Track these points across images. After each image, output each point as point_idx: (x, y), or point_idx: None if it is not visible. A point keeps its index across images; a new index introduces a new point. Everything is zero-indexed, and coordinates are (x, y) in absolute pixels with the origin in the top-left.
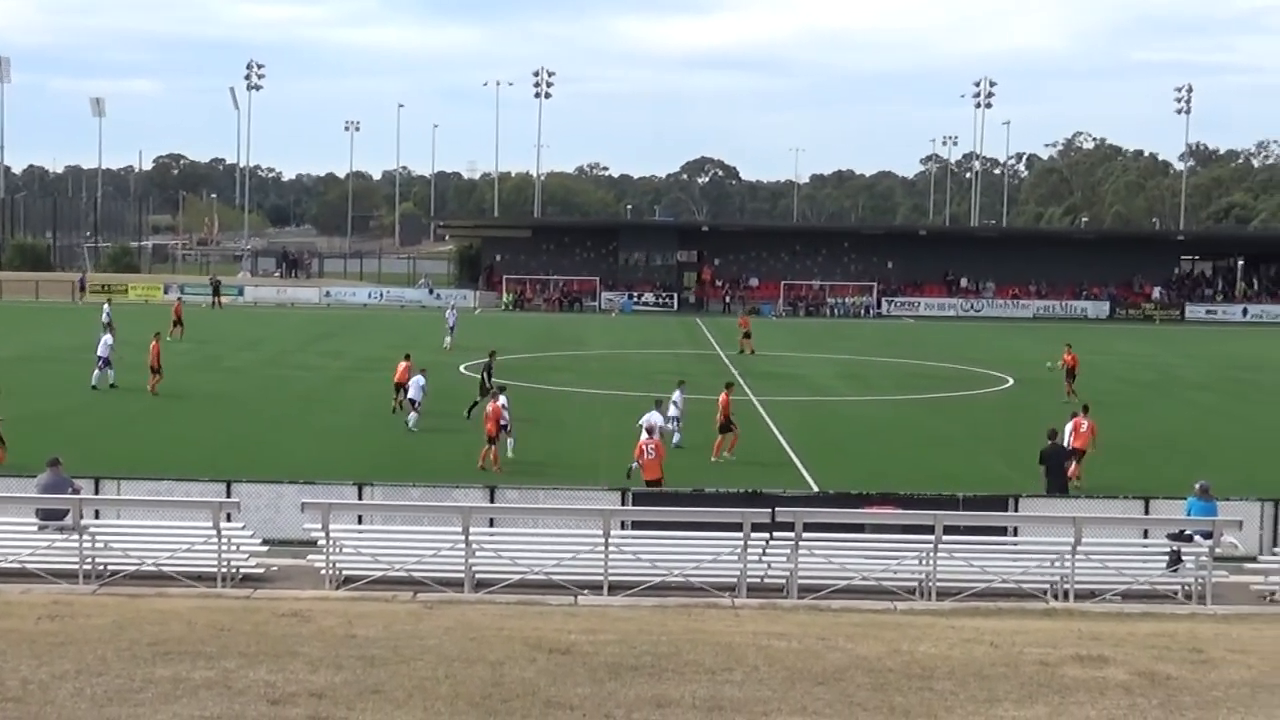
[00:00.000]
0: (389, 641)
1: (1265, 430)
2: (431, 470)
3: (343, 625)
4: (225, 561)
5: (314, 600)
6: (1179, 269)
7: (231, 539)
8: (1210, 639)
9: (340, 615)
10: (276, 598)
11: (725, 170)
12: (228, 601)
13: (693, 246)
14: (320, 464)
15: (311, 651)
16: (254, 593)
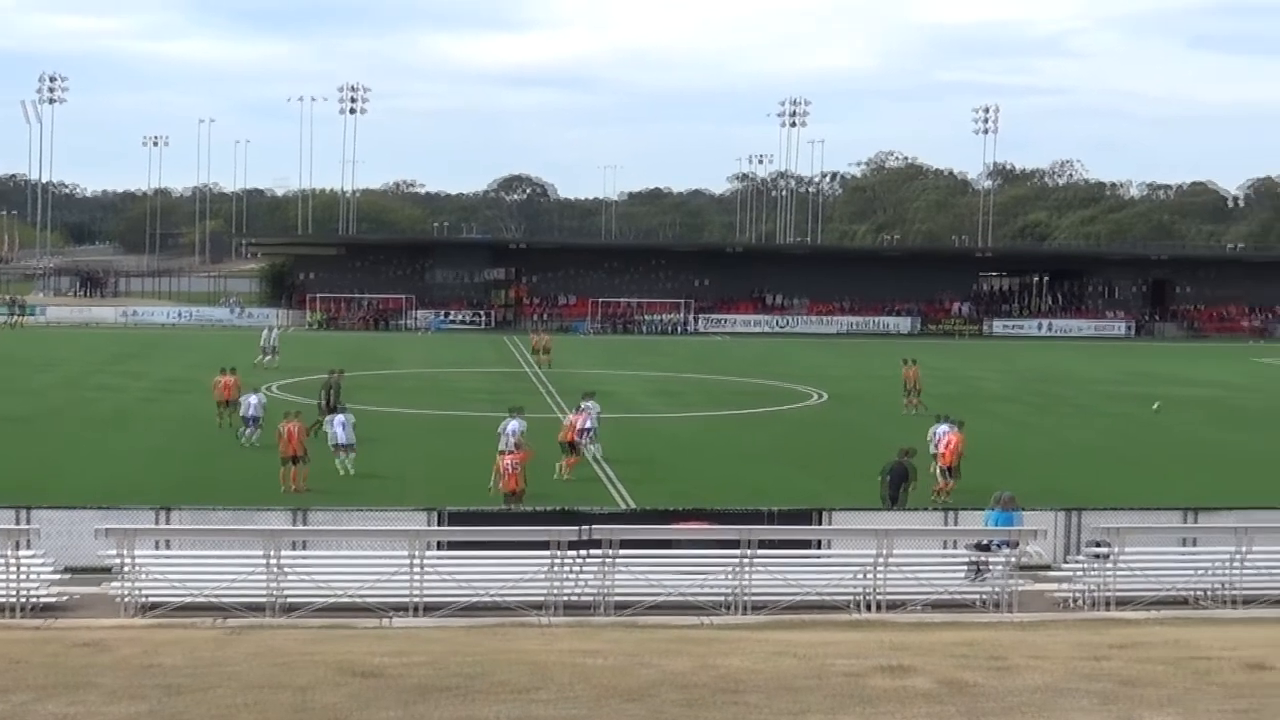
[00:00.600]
0: (190, 669)
1: (1063, 441)
2: (238, 493)
3: (142, 654)
4: (19, 591)
5: (112, 629)
6: (982, 285)
7: (26, 567)
8: (1011, 646)
9: (140, 644)
10: (73, 627)
11: (538, 188)
12: (21, 633)
13: (505, 264)
14: (121, 488)
15: (109, 682)
16: (50, 623)
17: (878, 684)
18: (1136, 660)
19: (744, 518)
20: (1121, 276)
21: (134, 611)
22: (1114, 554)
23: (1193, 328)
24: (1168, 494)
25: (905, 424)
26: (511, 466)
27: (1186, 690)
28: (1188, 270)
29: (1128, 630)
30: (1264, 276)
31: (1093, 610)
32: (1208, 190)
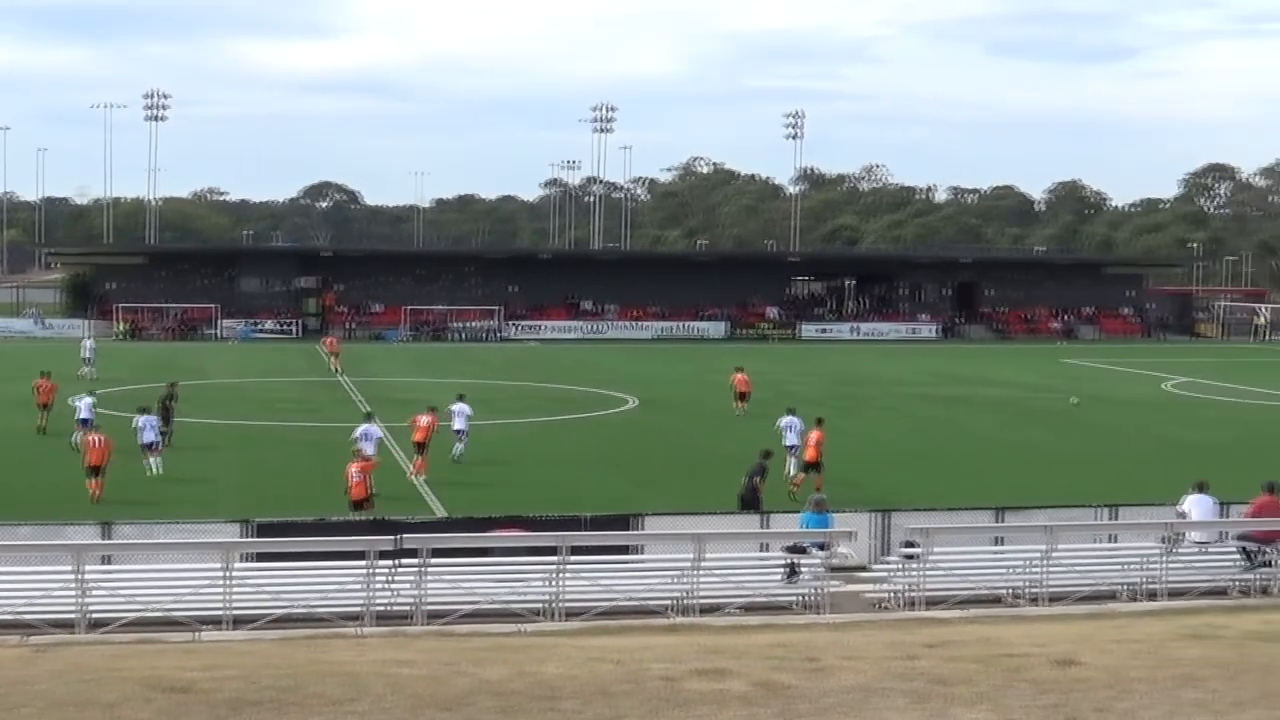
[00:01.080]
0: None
1: (873, 442)
2: (42, 507)
3: None
4: None
5: None
6: (792, 289)
7: None
8: (825, 647)
9: None
10: None
11: (347, 195)
12: None
13: (315, 272)
14: None
15: None
16: None
17: (693, 687)
18: (948, 659)
19: (559, 524)
20: (929, 280)
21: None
22: (925, 554)
23: (999, 329)
24: (977, 494)
25: (720, 428)
26: (357, 474)
27: (997, 687)
28: (994, 273)
29: (939, 629)
30: (1067, 278)
31: (905, 610)
32: (1012, 194)
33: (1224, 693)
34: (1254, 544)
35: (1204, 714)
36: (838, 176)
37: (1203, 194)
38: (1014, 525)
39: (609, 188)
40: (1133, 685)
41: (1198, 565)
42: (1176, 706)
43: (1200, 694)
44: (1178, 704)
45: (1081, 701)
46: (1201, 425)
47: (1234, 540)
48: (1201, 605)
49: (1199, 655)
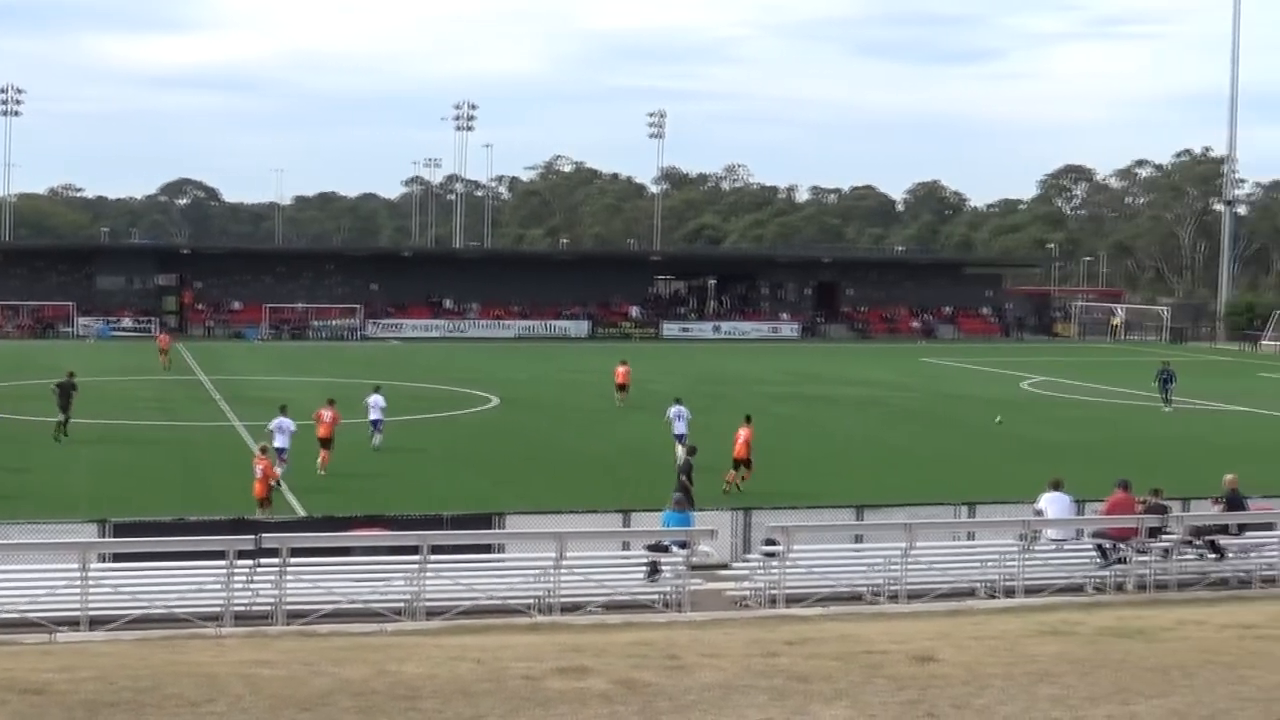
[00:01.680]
0: None
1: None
2: None
3: None
4: None
5: None
6: (655, 288)
7: None
8: (686, 644)
9: None
10: None
11: (206, 192)
12: None
13: (173, 270)
14: None
15: None
16: None
17: (554, 686)
18: (808, 656)
19: (420, 523)
20: (790, 279)
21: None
22: (785, 552)
23: (860, 329)
24: (837, 492)
25: (582, 426)
26: (261, 472)
27: (856, 684)
28: (854, 273)
29: (799, 626)
30: (927, 278)
31: (766, 608)
32: (873, 194)
33: (1078, 688)
34: (1109, 541)
35: (1059, 709)
36: (700, 176)
37: (1060, 195)
38: (874, 523)
39: (471, 186)
40: (989, 681)
41: (1054, 563)
42: (1032, 702)
43: (1055, 689)
44: (1033, 700)
45: (939, 697)
46: (1058, 424)
47: (1089, 538)
48: (1057, 602)
49: (1055, 651)
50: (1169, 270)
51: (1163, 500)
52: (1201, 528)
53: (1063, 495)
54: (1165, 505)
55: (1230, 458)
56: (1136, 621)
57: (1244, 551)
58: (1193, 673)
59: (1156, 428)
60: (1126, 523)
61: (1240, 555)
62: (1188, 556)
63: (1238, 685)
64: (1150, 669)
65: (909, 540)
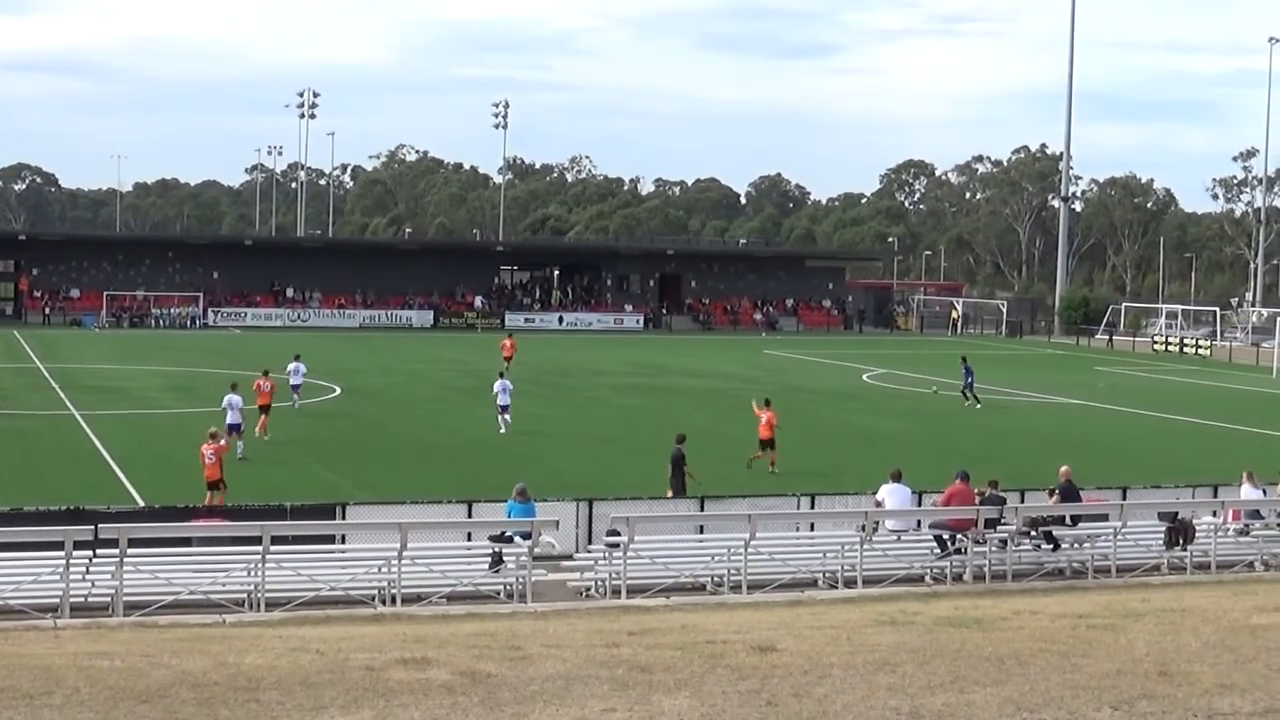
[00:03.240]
0: None
1: (577, 433)
2: None
3: None
4: None
5: None
6: (499, 279)
7: None
8: (528, 635)
9: None
10: None
11: (44, 177)
12: None
13: (9, 256)
14: None
15: None
16: None
17: (396, 677)
18: (650, 646)
19: (261, 513)
20: (634, 270)
21: None
22: (628, 543)
23: (703, 321)
24: None
25: (425, 416)
26: (211, 455)
27: (697, 674)
28: (697, 265)
29: (642, 617)
30: (770, 271)
31: (609, 598)
32: (717, 186)
33: (916, 677)
34: (947, 532)
35: (897, 698)
36: (544, 167)
37: (901, 189)
38: (716, 514)
39: (314, 174)
40: (829, 670)
41: (893, 553)
42: (871, 691)
43: (894, 678)
44: (872, 688)
45: (780, 686)
46: (898, 415)
47: (929, 529)
48: (897, 592)
49: (893, 641)
50: (1007, 265)
51: (999, 492)
52: (1037, 519)
53: (903, 486)
54: (1002, 496)
55: (1065, 450)
56: (974, 611)
57: (1078, 542)
58: (1027, 661)
59: (993, 420)
60: (965, 514)
61: (1075, 546)
62: (1024, 547)
63: (1071, 674)
64: (986, 658)
65: (750, 531)
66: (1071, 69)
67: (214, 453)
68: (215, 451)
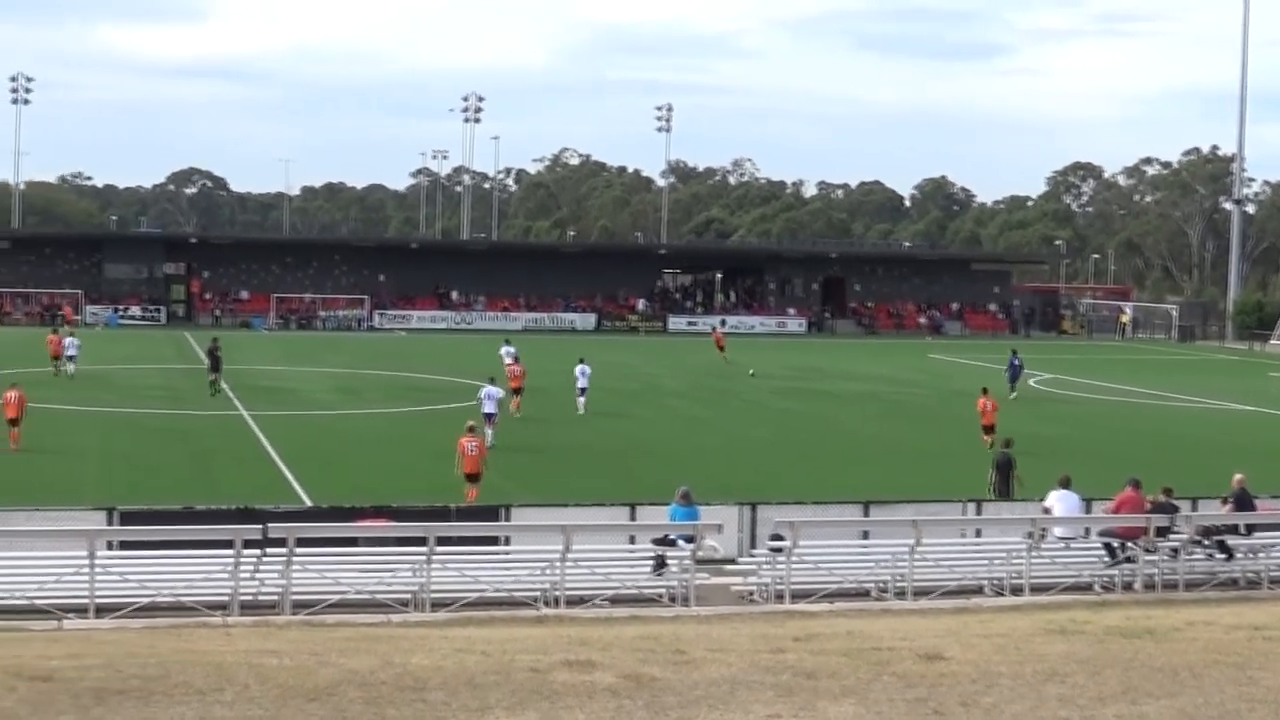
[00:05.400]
0: None
1: (739, 437)
2: None
3: None
4: None
5: None
6: (661, 282)
7: None
8: (692, 639)
9: None
10: None
11: (214, 181)
12: None
13: (181, 259)
14: None
15: None
16: None
17: (561, 679)
18: (815, 652)
19: (426, 514)
20: (797, 274)
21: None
22: (792, 547)
23: (866, 324)
24: (843, 488)
25: (587, 419)
26: (473, 449)
27: (863, 680)
28: (861, 268)
29: (806, 622)
30: (934, 274)
31: (772, 603)
32: (880, 189)
33: (1087, 687)
34: (1116, 540)
35: (1067, 708)
36: (707, 170)
37: (1068, 192)
38: (880, 520)
39: (478, 178)
40: (997, 680)
41: (1062, 561)
42: (1040, 701)
43: (1064, 689)
44: (1041, 698)
45: (947, 695)
46: (1066, 421)
47: (1097, 536)
48: (1065, 601)
49: (1063, 650)
50: (1177, 268)
51: (1172, 499)
52: (1210, 527)
53: (1071, 493)
54: (1174, 504)
55: (1238, 457)
56: (1145, 621)
57: (1253, 552)
58: (1201, 673)
59: (1165, 426)
60: (1135, 521)
61: (1249, 555)
62: (1196, 556)
63: (1247, 686)
64: (1159, 669)
65: (916, 537)
66: (1245, 68)
67: (475, 446)
68: (477, 446)
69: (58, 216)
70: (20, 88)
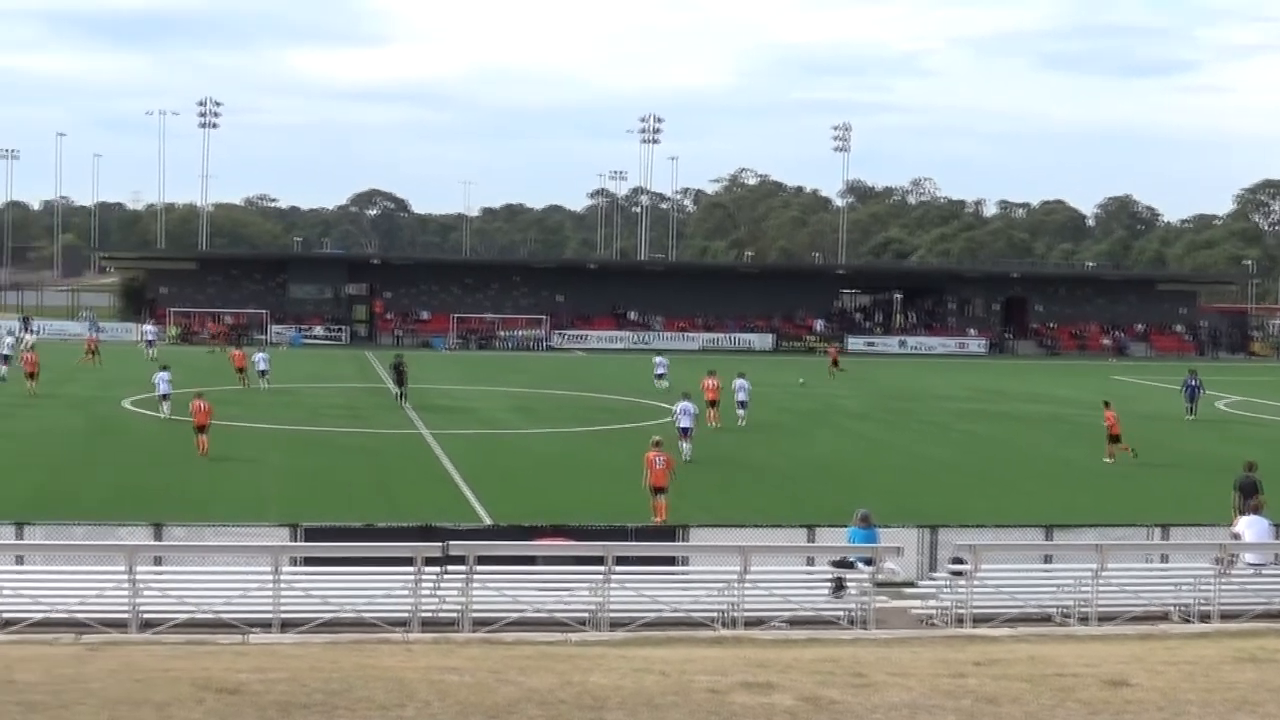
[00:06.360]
0: (49, 686)
1: (919, 459)
2: (95, 507)
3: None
4: None
5: None
6: (839, 302)
7: None
8: (872, 663)
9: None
10: None
11: (395, 203)
12: None
13: (363, 279)
14: None
15: None
16: None
17: (740, 700)
18: (997, 677)
19: (605, 534)
20: (977, 294)
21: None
22: (972, 571)
23: (1049, 345)
24: (1025, 511)
25: (767, 439)
26: (661, 462)
27: (1047, 707)
28: (1043, 288)
29: (988, 647)
30: (1118, 294)
31: (953, 627)
32: (1063, 209)
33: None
34: None
35: None
36: (885, 189)
37: (1257, 210)
38: (1063, 544)
39: (656, 198)
40: (1186, 708)
41: (1252, 587)
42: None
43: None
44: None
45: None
46: (1255, 444)
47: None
48: (1256, 628)
49: (1254, 679)
50: None
51: None
52: None
53: (1261, 519)
54: None
55: None
56: None
57: None
58: None
59: None
60: None
61: None
62: None
63: None
64: None
65: (1100, 561)
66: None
67: (663, 460)
68: (665, 459)
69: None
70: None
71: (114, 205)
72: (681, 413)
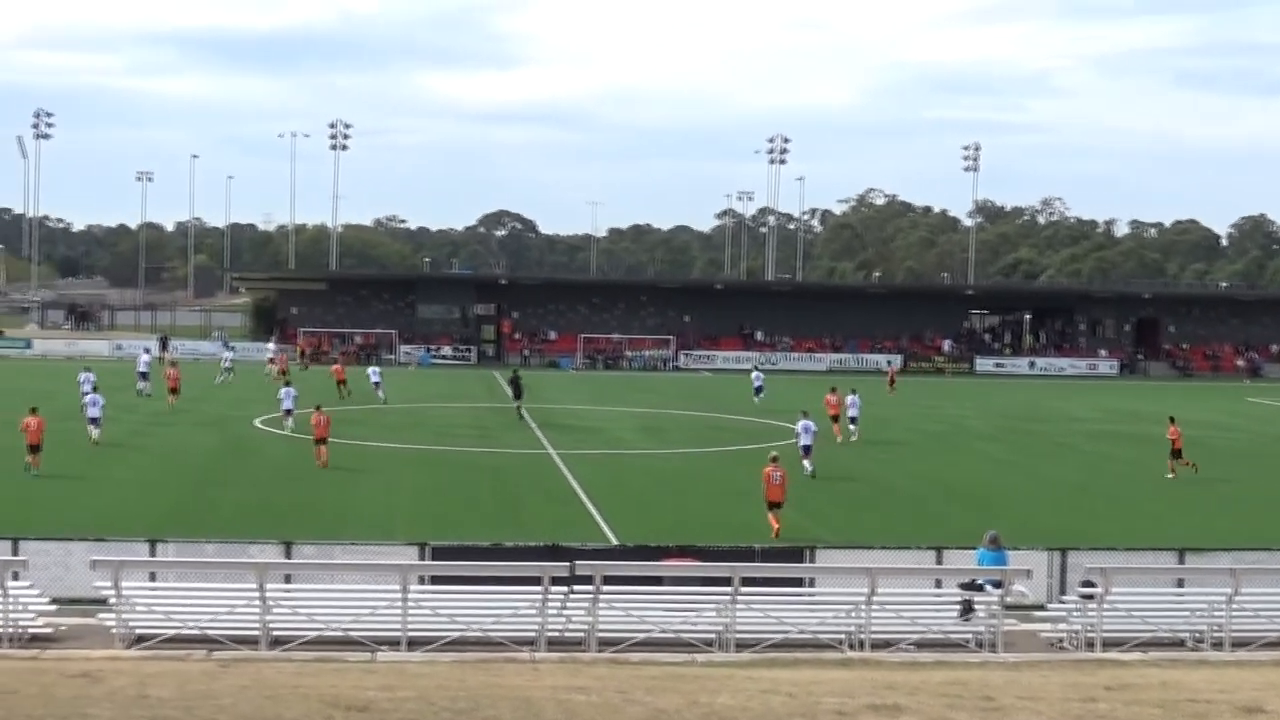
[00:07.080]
0: (182, 702)
1: (1048, 481)
2: (227, 524)
3: (134, 685)
4: (11, 622)
5: (105, 660)
6: (968, 323)
7: (18, 598)
8: (1001, 686)
9: (132, 675)
10: (65, 658)
11: (523, 223)
12: (14, 663)
13: (491, 299)
14: (112, 519)
15: (102, 713)
16: (42, 653)
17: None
18: (1129, 702)
19: (731, 554)
20: (1108, 315)
21: (125, 643)
22: (1103, 594)
23: (1181, 367)
24: (1157, 534)
25: (892, 460)
26: (778, 478)
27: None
28: (1176, 309)
29: (1119, 671)
30: (1253, 315)
31: (1083, 651)
32: (1196, 228)
33: None
34: None
35: None
36: (1015, 209)
37: None
38: (1196, 567)
39: (783, 219)
40: None
41: None
42: None
43: None
44: None
45: None
46: None
47: None
48: None
49: None
50: None
51: None
52: None
53: None
54: None
55: None
56: None
57: None
58: None
59: None
60: None
61: None
62: None
63: None
64: None
65: (1235, 585)
66: None
67: (780, 475)
68: (781, 475)
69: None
70: (339, 134)
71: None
72: (803, 430)
